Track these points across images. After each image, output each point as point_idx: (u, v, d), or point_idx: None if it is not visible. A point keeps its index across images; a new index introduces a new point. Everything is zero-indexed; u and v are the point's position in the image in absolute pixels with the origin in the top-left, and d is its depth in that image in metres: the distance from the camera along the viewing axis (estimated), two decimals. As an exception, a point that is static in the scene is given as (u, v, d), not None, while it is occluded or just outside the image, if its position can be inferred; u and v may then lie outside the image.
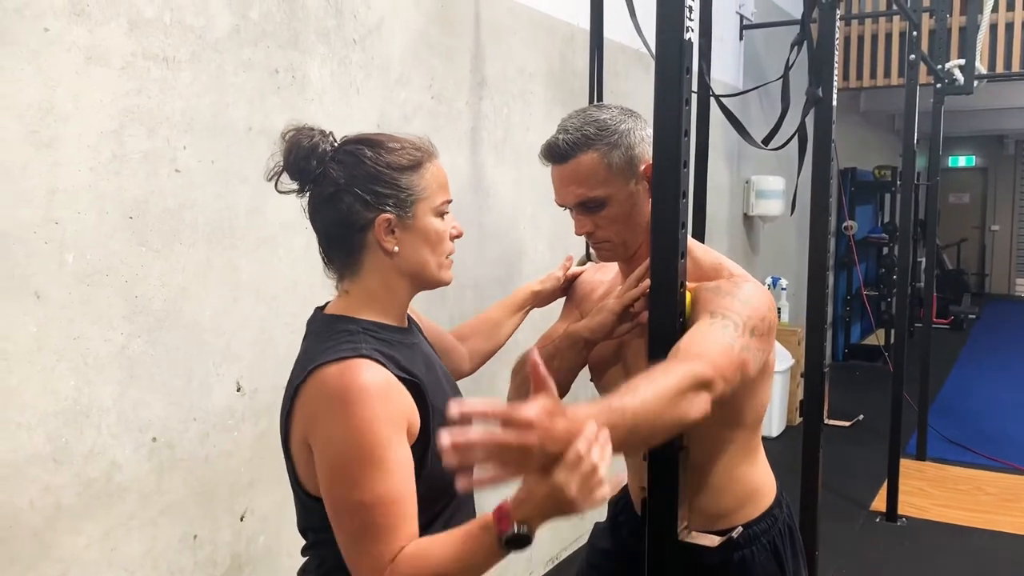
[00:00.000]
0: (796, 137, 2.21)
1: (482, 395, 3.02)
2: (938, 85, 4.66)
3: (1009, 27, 5.49)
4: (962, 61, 4.69)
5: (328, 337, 1.15)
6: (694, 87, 1.68)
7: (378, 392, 1.08)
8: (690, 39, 1.25)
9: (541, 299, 1.66)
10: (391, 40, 2.37)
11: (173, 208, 1.78)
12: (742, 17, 4.95)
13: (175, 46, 1.77)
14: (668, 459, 1.29)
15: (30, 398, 1.56)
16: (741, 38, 4.99)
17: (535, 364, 0.94)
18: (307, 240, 1.65)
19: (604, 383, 1.52)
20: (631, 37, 2.63)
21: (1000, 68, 5.53)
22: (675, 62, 1.24)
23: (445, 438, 0.84)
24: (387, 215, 1.15)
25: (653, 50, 1.27)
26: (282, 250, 2.04)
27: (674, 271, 1.27)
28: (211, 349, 1.88)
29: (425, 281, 1.22)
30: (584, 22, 2.87)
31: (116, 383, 1.70)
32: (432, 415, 1.15)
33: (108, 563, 1.70)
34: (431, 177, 1.19)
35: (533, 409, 0.88)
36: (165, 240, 1.77)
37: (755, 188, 5.24)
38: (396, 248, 1.16)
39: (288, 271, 2.06)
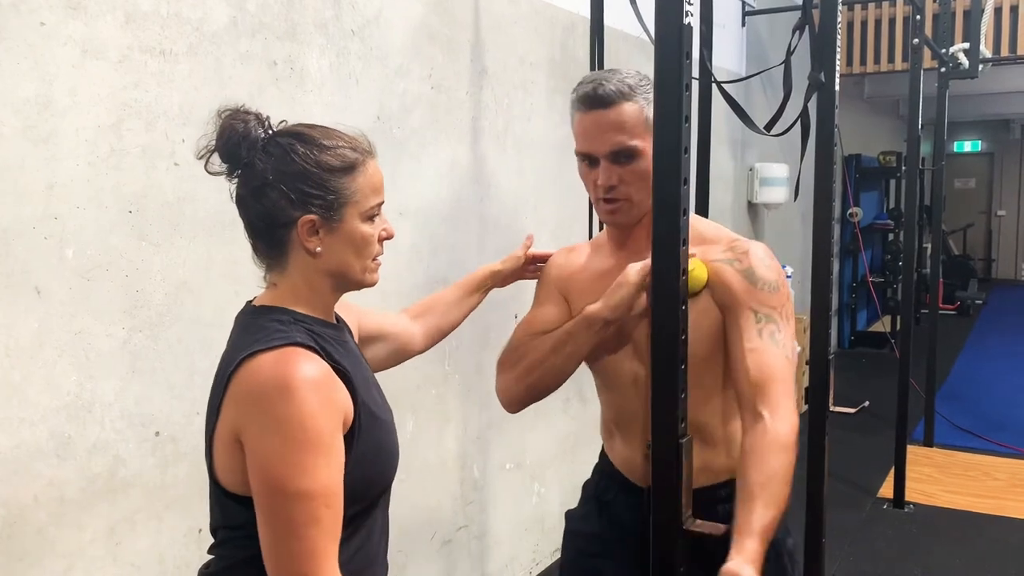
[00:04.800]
0: (799, 123, 2.19)
1: (486, 387, 2.97)
2: (942, 69, 4.62)
3: (1014, 9, 5.44)
4: (966, 45, 4.65)
5: (258, 328, 1.11)
6: (695, 74, 1.66)
7: (320, 379, 1.04)
8: (689, 24, 1.23)
9: (501, 279, 1.66)
10: (390, 30, 2.36)
11: (172, 202, 1.78)
12: (744, 3, 4.91)
13: (172, 39, 1.77)
14: (671, 451, 1.28)
15: (32, 393, 1.56)
16: (743, 24, 4.95)
17: None
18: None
19: (605, 364, 1.51)
20: (632, 25, 2.61)
21: (1005, 51, 5.48)
22: (675, 47, 1.23)
23: None
24: (311, 217, 1.11)
25: (653, 36, 1.25)
26: (283, 243, 2.03)
27: (676, 258, 1.26)
28: (213, 343, 1.87)
29: (348, 284, 1.19)
30: (585, 10, 2.85)
31: (118, 378, 1.70)
32: (359, 410, 1.12)
33: (113, 558, 1.70)
34: (364, 180, 1.14)
35: None
36: (165, 234, 1.77)
37: (759, 176, 5.22)
38: (319, 249, 1.12)
39: (290, 264, 2.05)
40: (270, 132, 1.14)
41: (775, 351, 1.35)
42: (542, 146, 3.07)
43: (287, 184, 1.10)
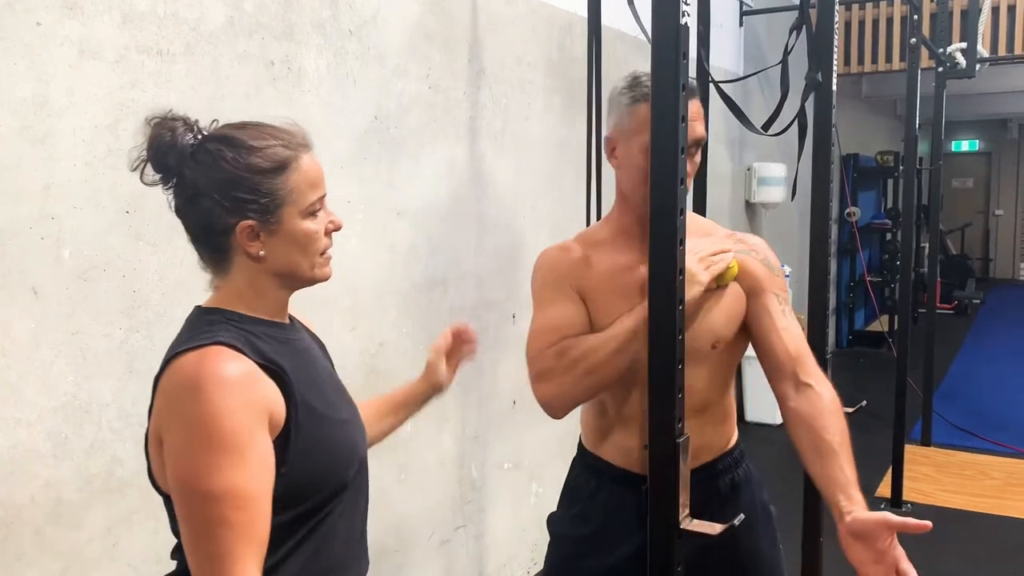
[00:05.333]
0: (796, 123, 2.20)
1: (484, 387, 2.95)
2: (940, 69, 4.63)
3: (1011, 9, 5.45)
4: (964, 44, 4.65)
5: (191, 329, 1.10)
6: (693, 73, 1.66)
7: (237, 379, 1.02)
8: (686, 24, 1.24)
9: (435, 388, 1.49)
10: (387, 30, 2.36)
11: (170, 202, 1.77)
12: (742, 3, 4.92)
13: (169, 39, 1.76)
14: (669, 450, 1.29)
15: (30, 394, 1.56)
16: (741, 24, 4.96)
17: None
18: (304, 232, 1.64)
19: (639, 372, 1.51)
20: (630, 24, 2.61)
21: (1003, 51, 5.49)
22: (671, 47, 1.24)
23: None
24: (248, 222, 1.08)
25: (650, 36, 1.26)
26: (281, 243, 2.03)
27: (673, 258, 1.27)
28: (211, 343, 1.88)
29: (298, 281, 1.16)
30: (582, 10, 2.85)
31: (115, 378, 1.70)
32: (297, 407, 1.08)
33: (111, 558, 1.70)
34: (299, 177, 1.10)
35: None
36: (162, 234, 1.77)
37: (757, 175, 5.23)
38: (262, 253, 1.09)
39: (287, 264, 2.05)
40: (199, 137, 1.10)
41: (798, 329, 1.53)
42: (540, 146, 3.07)
43: (219, 192, 1.07)
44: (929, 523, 1.26)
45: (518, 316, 3.00)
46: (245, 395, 1.02)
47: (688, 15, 1.25)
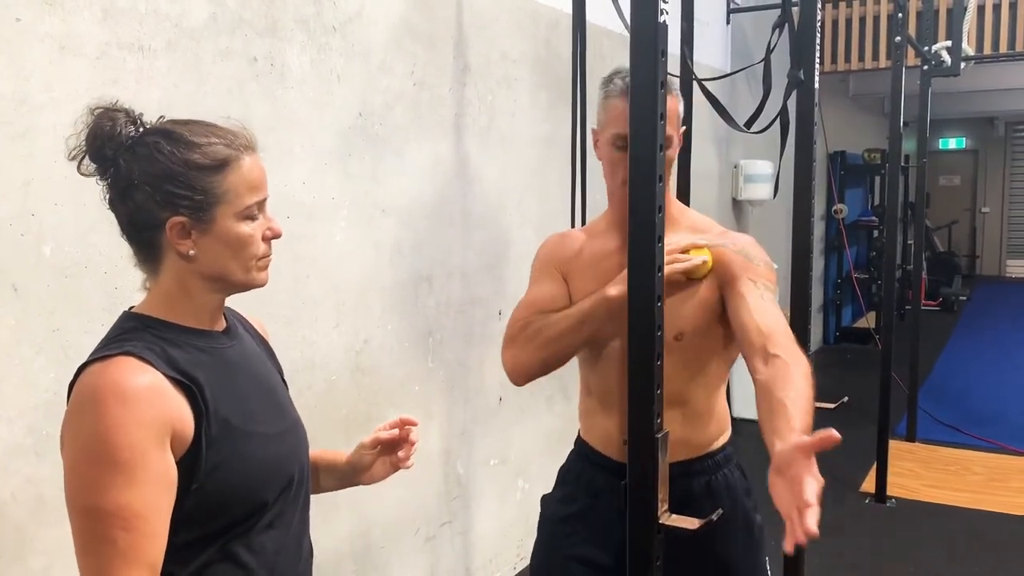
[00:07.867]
0: (779, 120, 2.21)
1: (470, 382, 2.95)
2: (925, 67, 4.65)
3: (996, 8, 5.47)
4: (949, 43, 4.68)
5: (109, 336, 1.07)
6: (677, 71, 1.67)
7: (136, 392, 0.99)
8: (664, 21, 1.24)
9: (358, 471, 1.36)
10: (372, 27, 2.36)
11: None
12: (729, 1, 4.93)
13: (150, 35, 1.76)
14: (647, 446, 1.29)
15: (10, 391, 1.56)
16: (728, 22, 4.97)
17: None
18: (288, 228, 1.64)
19: (597, 339, 1.57)
20: (615, 21, 2.62)
21: (988, 50, 5.51)
22: (650, 44, 1.24)
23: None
24: (180, 218, 1.05)
25: (630, 32, 1.26)
26: (264, 239, 2.03)
27: (651, 254, 1.27)
28: (194, 340, 1.87)
29: (230, 286, 1.12)
30: (568, 6, 2.86)
31: (97, 375, 1.69)
32: (209, 422, 1.04)
33: (93, 555, 1.70)
34: (237, 178, 1.07)
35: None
36: (144, 231, 1.76)
37: (743, 173, 5.24)
38: (192, 252, 1.07)
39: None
40: (141, 130, 1.08)
41: (777, 311, 1.51)
42: (526, 142, 3.08)
43: (152, 185, 1.04)
44: (834, 432, 1.10)
45: (504, 312, 3.00)
46: (143, 410, 0.99)
47: (667, 12, 1.26)
